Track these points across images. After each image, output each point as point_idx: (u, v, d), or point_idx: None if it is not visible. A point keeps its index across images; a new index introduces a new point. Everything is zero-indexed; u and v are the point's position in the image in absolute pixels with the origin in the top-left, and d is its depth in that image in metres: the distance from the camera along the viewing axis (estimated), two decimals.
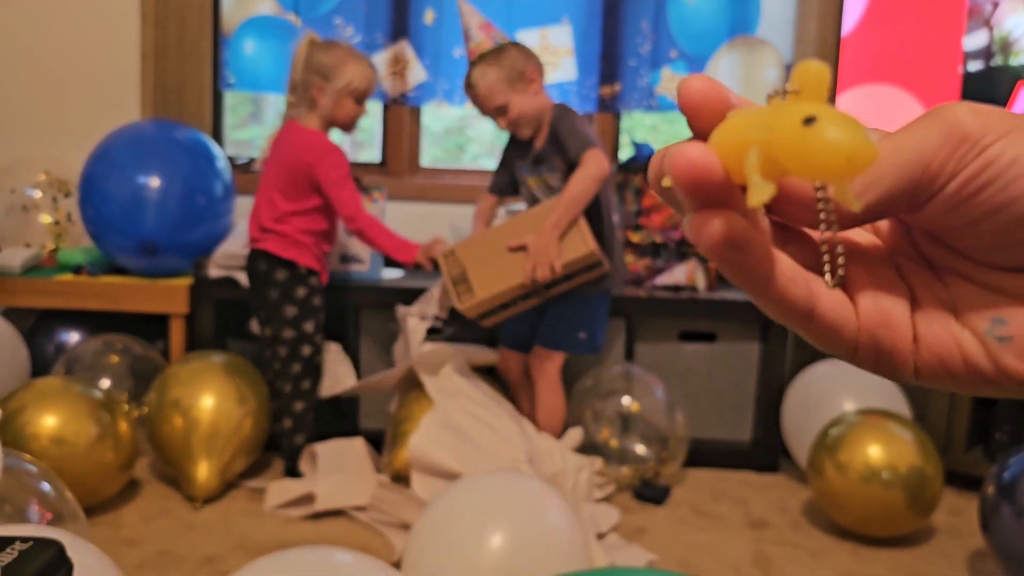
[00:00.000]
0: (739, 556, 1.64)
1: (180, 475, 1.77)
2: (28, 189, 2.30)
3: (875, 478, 1.64)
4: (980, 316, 0.24)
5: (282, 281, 1.85)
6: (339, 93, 1.82)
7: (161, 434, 1.77)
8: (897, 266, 0.26)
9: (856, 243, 0.26)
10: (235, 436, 1.78)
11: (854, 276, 0.25)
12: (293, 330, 1.86)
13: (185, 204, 2.05)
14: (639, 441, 1.91)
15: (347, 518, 1.72)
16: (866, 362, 0.25)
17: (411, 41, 2.43)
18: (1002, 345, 0.24)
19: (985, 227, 0.23)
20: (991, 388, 0.24)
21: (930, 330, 0.25)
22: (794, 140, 0.20)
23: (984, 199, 0.22)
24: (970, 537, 1.74)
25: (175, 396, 1.77)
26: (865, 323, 0.25)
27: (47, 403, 1.60)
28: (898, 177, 0.23)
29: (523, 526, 1.20)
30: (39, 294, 2.08)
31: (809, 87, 0.21)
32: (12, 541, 0.65)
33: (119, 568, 1.49)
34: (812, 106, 0.21)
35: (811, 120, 0.20)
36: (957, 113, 0.22)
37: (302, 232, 1.85)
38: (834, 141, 0.20)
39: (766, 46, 2.46)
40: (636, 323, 2.09)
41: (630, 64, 2.45)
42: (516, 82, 1.79)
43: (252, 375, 1.87)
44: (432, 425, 1.71)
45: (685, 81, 0.24)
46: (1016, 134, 0.22)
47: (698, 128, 0.24)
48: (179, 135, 2.13)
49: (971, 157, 0.22)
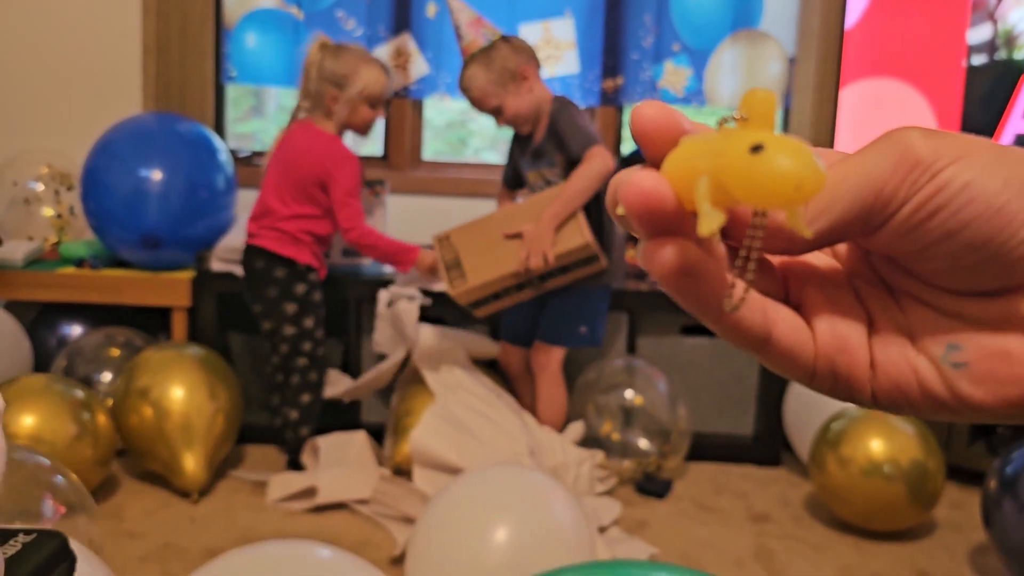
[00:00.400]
0: (741, 550, 1.64)
1: (165, 469, 1.75)
2: (30, 182, 2.30)
3: (877, 472, 1.63)
4: (936, 341, 0.24)
5: (281, 278, 1.84)
6: (354, 101, 1.82)
7: (129, 425, 1.75)
8: (856, 289, 0.26)
9: (814, 267, 0.26)
10: (210, 430, 1.76)
11: (811, 301, 0.25)
12: (294, 327, 1.85)
13: (187, 197, 2.04)
14: (641, 435, 1.91)
15: (349, 511, 1.72)
16: (824, 387, 0.25)
17: (413, 34, 2.42)
18: (957, 371, 0.24)
19: (939, 252, 0.23)
20: (947, 414, 0.24)
21: (887, 356, 0.25)
22: (742, 168, 0.21)
23: (936, 224, 0.22)
24: (972, 531, 1.73)
25: (143, 385, 1.75)
26: (822, 349, 0.25)
27: (27, 402, 1.60)
28: (851, 202, 0.23)
29: (528, 519, 1.19)
30: (41, 287, 2.08)
31: (757, 114, 0.21)
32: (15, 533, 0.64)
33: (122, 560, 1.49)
34: (760, 134, 0.21)
35: (758, 148, 0.20)
36: (910, 137, 0.23)
37: (302, 231, 1.85)
38: (781, 169, 0.20)
39: (769, 40, 2.45)
40: (638, 317, 2.09)
41: (632, 57, 2.44)
42: (508, 83, 1.77)
43: (224, 369, 1.86)
44: (433, 419, 1.71)
45: (637, 109, 0.24)
46: (968, 159, 0.22)
47: (651, 155, 0.24)
48: (181, 128, 2.12)
49: (923, 182, 0.22)
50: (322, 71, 1.81)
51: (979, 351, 0.23)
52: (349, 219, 1.81)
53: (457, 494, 1.25)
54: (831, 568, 1.60)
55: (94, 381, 1.94)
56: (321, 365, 1.90)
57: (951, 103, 2.10)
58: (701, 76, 2.45)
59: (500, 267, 1.73)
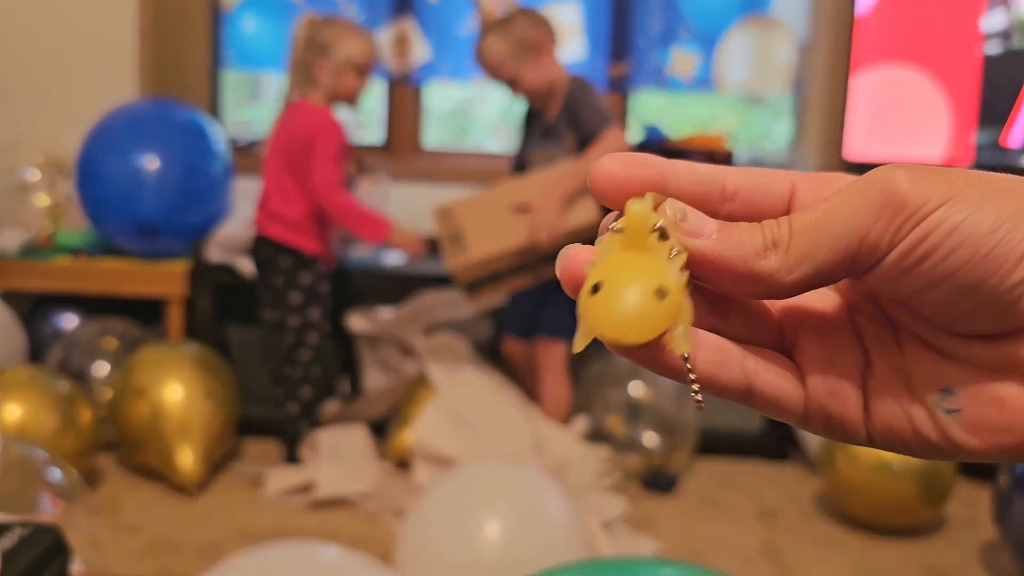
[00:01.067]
0: (748, 546, 1.62)
1: (163, 467, 1.73)
2: (26, 170, 2.27)
3: (886, 468, 1.62)
4: (930, 386, 0.24)
5: (287, 268, 1.82)
6: (339, 68, 1.81)
7: (126, 421, 1.74)
8: (855, 324, 0.25)
9: (810, 310, 0.26)
10: (207, 426, 1.75)
11: (805, 346, 0.25)
12: (299, 317, 1.83)
13: (184, 185, 2.02)
14: (648, 430, 1.88)
15: (348, 507, 1.70)
16: (817, 430, 0.25)
17: (415, 18, 2.39)
18: (950, 417, 0.23)
19: (930, 297, 0.22)
20: (944, 456, 0.24)
21: (880, 402, 0.24)
22: (584, 306, 0.22)
23: (925, 270, 0.22)
24: (983, 528, 1.72)
25: (140, 383, 1.73)
26: (813, 395, 0.24)
27: (11, 394, 1.61)
28: (833, 250, 0.22)
29: (518, 515, 1.19)
30: (37, 277, 2.06)
31: (631, 230, 0.22)
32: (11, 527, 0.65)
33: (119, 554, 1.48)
34: (612, 267, 0.22)
35: (596, 288, 0.22)
36: (895, 178, 0.22)
37: (306, 217, 1.82)
38: (606, 318, 0.21)
39: (779, 26, 2.40)
40: None
41: (640, 43, 2.40)
42: (524, 54, 1.74)
43: (220, 366, 1.84)
44: (435, 414, 1.70)
45: (599, 164, 0.23)
46: (957, 200, 0.21)
47: (612, 207, 0.24)
48: (177, 115, 2.09)
49: (908, 228, 0.21)
50: (309, 42, 1.81)
51: (973, 397, 0.23)
52: (323, 181, 1.76)
53: (447, 489, 1.24)
54: (840, 565, 1.57)
55: (89, 372, 1.92)
56: (326, 359, 1.87)
57: (965, 91, 2.07)
58: (710, 63, 2.41)
59: (504, 241, 1.65)
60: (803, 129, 2.43)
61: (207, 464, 1.74)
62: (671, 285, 0.22)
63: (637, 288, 0.21)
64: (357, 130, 2.70)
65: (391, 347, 1.93)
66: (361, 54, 1.82)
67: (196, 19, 2.31)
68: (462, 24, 2.40)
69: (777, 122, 2.71)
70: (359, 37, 1.83)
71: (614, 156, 0.23)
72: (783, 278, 0.22)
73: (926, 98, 2.13)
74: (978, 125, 2.05)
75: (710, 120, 2.79)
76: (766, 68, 2.43)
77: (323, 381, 1.88)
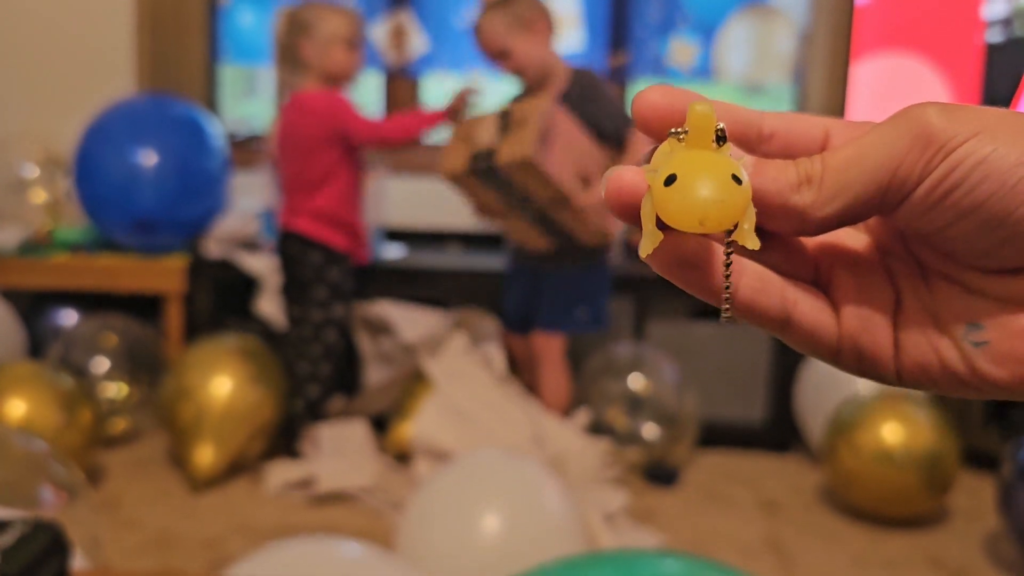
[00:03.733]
0: (751, 538, 1.62)
1: (183, 458, 1.75)
2: (24, 166, 2.26)
3: (889, 458, 1.62)
4: (958, 320, 0.24)
5: (316, 263, 1.81)
6: (326, 44, 1.78)
7: (174, 417, 1.76)
8: (886, 266, 0.26)
9: (843, 248, 0.26)
10: (249, 420, 1.76)
11: (839, 282, 0.26)
12: (321, 312, 1.82)
13: (181, 180, 2.01)
14: (649, 422, 1.88)
15: (349, 502, 1.70)
16: (848, 366, 0.26)
17: (412, 9, 2.37)
18: (977, 350, 0.24)
19: (957, 231, 0.23)
20: (970, 391, 0.25)
21: (909, 336, 0.25)
22: (659, 197, 0.22)
23: (952, 203, 0.22)
24: (986, 518, 1.71)
25: (189, 381, 1.75)
26: (846, 329, 0.25)
27: (17, 389, 1.61)
28: (866, 184, 0.23)
29: (515, 506, 1.19)
30: (35, 273, 2.06)
31: (696, 128, 0.22)
32: (10, 524, 0.65)
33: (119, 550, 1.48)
34: (683, 161, 0.22)
35: (671, 180, 0.21)
36: (926, 114, 0.22)
37: (333, 210, 1.81)
38: (686, 202, 0.21)
39: (779, 14, 2.39)
40: (647, 302, 2.05)
41: (638, 33, 2.39)
42: (520, 29, 1.72)
43: (267, 358, 1.84)
44: (434, 409, 1.69)
45: (640, 95, 0.24)
46: (985, 134, 0.22)
47: (654, 137, 0.24)
48: (174, 110, 2.09)
49: (937, 160, 0.22)
50: (290, 26, 1.80)
51: (1000, 330, 0.23)
52: (366, 131, 1.76)
53: (445, 480, 1.24)
54: (843, 556, 1.57)
55: (89, 368, 1.92)
56: (337, 358, 1.86)
57: (967, 79, 2.05)
58: (709, 52, 2.40)
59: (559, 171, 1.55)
60: None
61: (228, 461, 1.75)
62: (743, 175, 0.22)
63: (715, 175, 0.21)
64: None
65: (391, 340, 1.93)
66: (345, 26, 1.79)
67: (192, 13, 2.30)
68: (459, 15, 2.38)
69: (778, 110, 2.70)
70: (340, 11, 1.81)
71: (657, 87, 0.24)
72: (816, 212, 0.23)
73: (926, 86, 2.11)
74: None
75: None
76: (766, 57, 2.42)
77: (331, 379, 1.86)
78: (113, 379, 1.92)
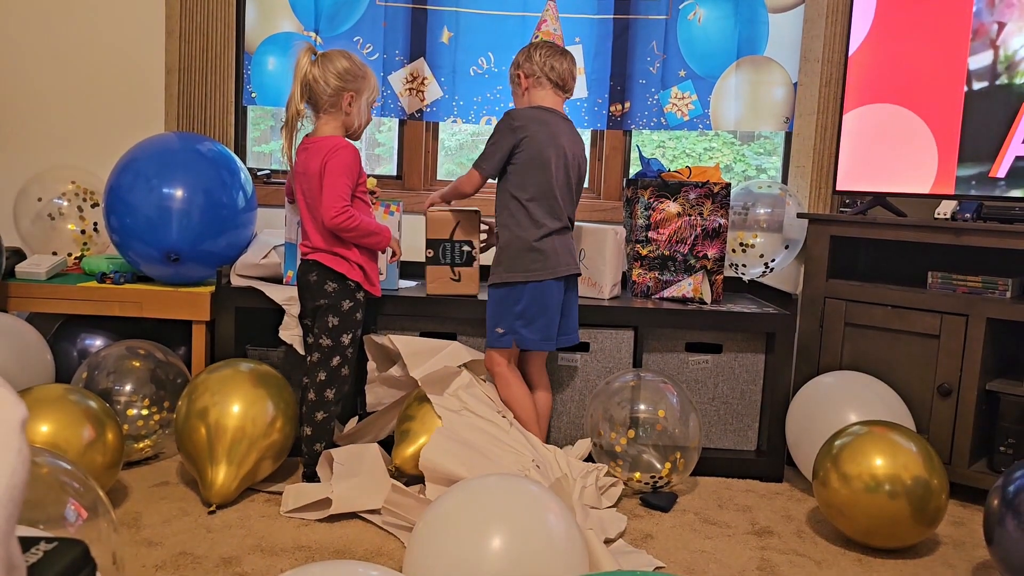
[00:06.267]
0: (744, 564, 1.65)
1: (199, 479, 1.80)
2: (56, 199, 2.35)
3: (880, 489, 1.64)
4: None
5: (331, 291, 1.88)
6: (367, 103, 1.90)
7: (189, 440, 1.80)
8: None
9: None
10: (261, 442, 1.80)
11: None
12: (330, 339, 1.88)
13: (208, 214, 2.08)
14: (651, 448, 1.92)
15: (361, 521, 1.73)
16: None
17: (428, 59, 2.48)
18: None
19: None
20: None
21: None
22: None
23: None
24: (975, 549, 1.74)
25: (204, 403, 1.80)
26: None
27: (44, 410, 1.64)
28: None
29: (521, 529, 1.20)
30: (64, 300, 2.11)
31: None
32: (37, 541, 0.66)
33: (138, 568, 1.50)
34: None
35: None
36: None
37: (348, 248, 1.88)
38: None
39: (773, 65, 2.49)
40: (644, 334, 2.12)
41: (640, 83, 2.49)
42: (512, 81, 2.00)
43: (279, 382, 1.90)
44: (442, 438, 1.75)
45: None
46: None
47: None
48: (203, 147, 2.16)
49: None
50: (341, 73, 1.84)
51: None
52: (330, 200, 1.79)
53: (452, 504, 1.26)
54: None
55: (114, 393, 1.96)
56: (342, 383, 1.92)
57: (951, 128, 2.14)
58: (706, 101, 2.50)
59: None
60: (796, 162, 2.50)
61: (242, 482, 1.79)
62: None
63: None
64: (372, 164, 2.80)
65: (400, 368, 2.00)
66: (377, 91, 1.94)
67: (221, 58, 2.41)
68: (472, 65, 2.49)
69: (771, 155, 2.78)
70: (374, 76, 1.93)
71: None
72: None
73: (915, 135, 2.20)
74: (962, 159, 2.12)
75: (706, 153, 2.87)
76: (759, 105, 2.52)
77: (335, 404, 1.92)
78: (136, 402, 1.96)
